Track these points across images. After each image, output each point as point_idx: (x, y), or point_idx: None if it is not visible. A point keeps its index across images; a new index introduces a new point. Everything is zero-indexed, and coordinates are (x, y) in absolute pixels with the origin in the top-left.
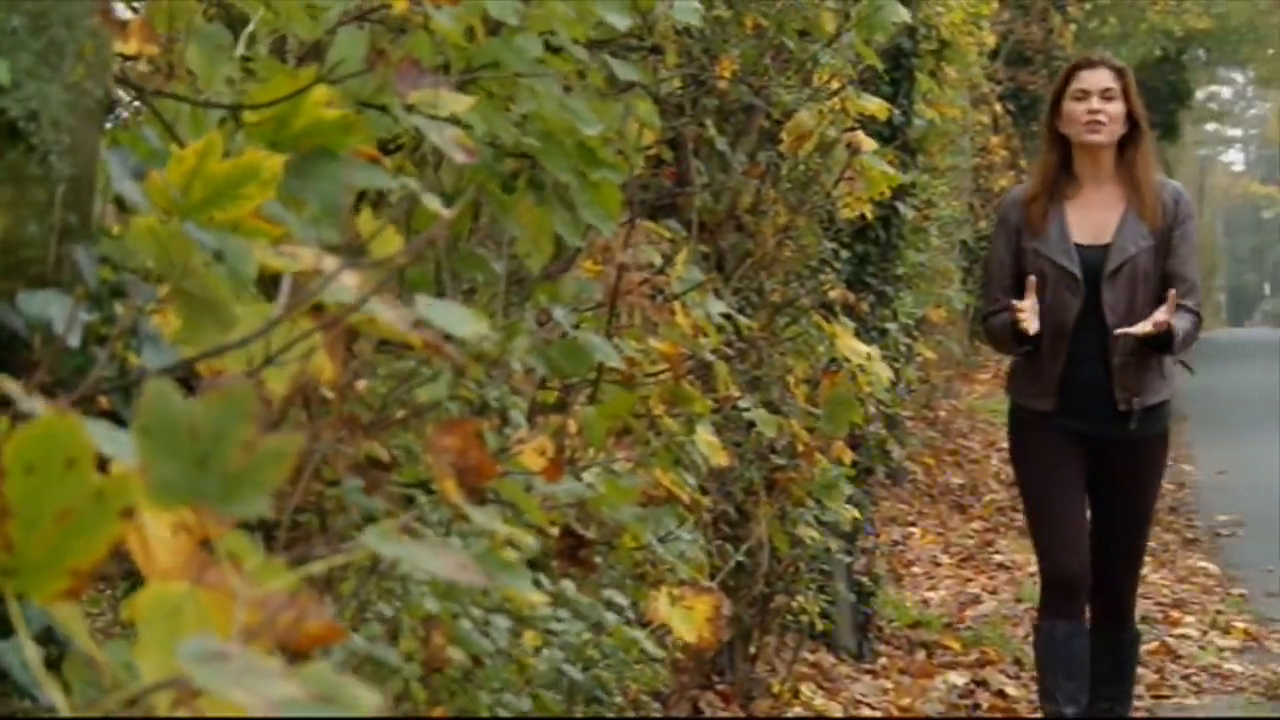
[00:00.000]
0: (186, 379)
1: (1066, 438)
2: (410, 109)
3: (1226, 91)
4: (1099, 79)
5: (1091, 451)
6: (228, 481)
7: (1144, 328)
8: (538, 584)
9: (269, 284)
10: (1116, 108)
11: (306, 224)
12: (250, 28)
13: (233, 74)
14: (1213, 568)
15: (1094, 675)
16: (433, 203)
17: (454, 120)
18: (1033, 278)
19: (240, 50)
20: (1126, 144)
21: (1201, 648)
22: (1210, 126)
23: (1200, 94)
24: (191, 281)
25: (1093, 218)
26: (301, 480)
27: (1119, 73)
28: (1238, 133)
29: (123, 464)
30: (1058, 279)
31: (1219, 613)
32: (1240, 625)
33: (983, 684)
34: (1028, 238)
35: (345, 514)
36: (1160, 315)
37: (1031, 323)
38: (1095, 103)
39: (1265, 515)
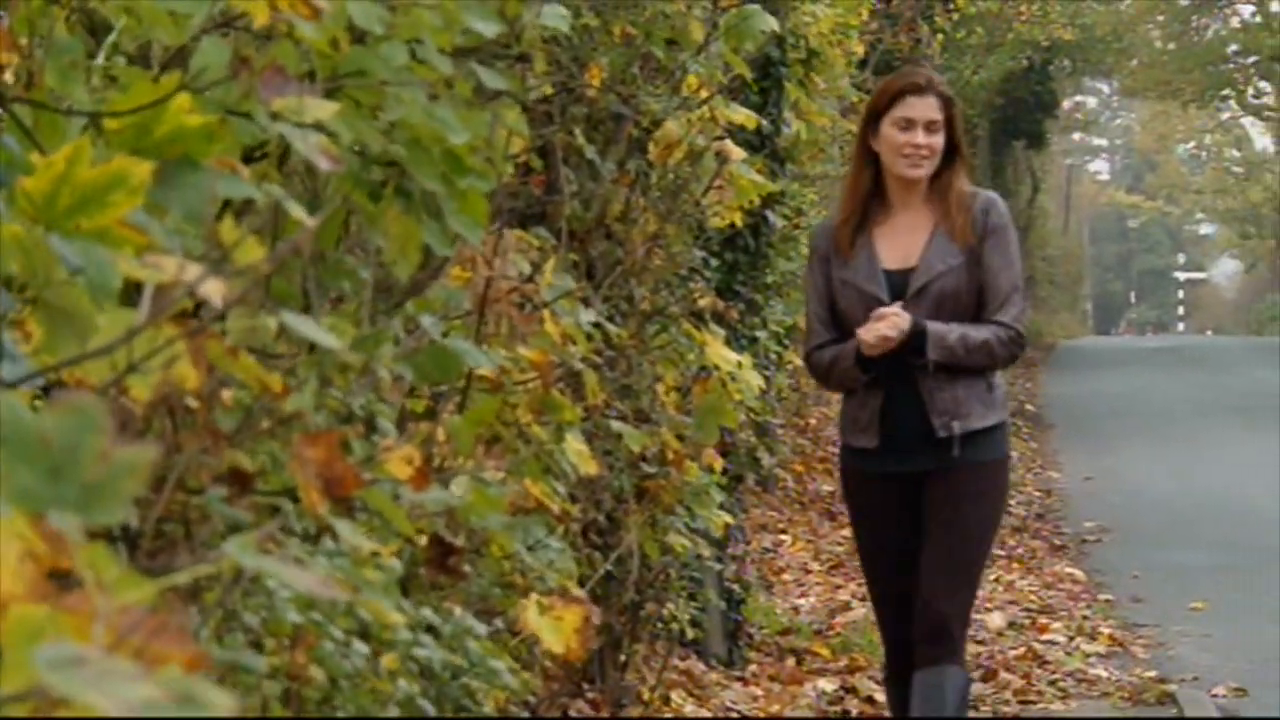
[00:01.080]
0: (50, 388)
1: (887, 488)
2: (275, 116)
3: (1092, 101)
4: (926, 109)
5: (915, 490)
6: (85, 490)
7: (879, 330)
8: (399, 608)
9: (133, 291)
10: (940, 140)
11: (170, 232)
12: (113, 35)
13: (94, 81)
14: (1079, 574)
15: None
16: (297, 211)
17: (320, 128)
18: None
19: (102, 58)
20: (942, 170)
21: (1068, 653)
22: (1076, 136)
23: (1066, 104)
24: (53, 292)
25: (901, 241)
26: (165, 490)
27: (947, 102)
28: (1103, 142)
29: None
30: (865, 307)
31: (1085, 618)
32: (1106, 631)
33: (852, 690)
34: (837, 267)
35: (210, 523)
36: (891, 311)
37: (890, 332)
38: (920, 137)
39: (1132, 522)
